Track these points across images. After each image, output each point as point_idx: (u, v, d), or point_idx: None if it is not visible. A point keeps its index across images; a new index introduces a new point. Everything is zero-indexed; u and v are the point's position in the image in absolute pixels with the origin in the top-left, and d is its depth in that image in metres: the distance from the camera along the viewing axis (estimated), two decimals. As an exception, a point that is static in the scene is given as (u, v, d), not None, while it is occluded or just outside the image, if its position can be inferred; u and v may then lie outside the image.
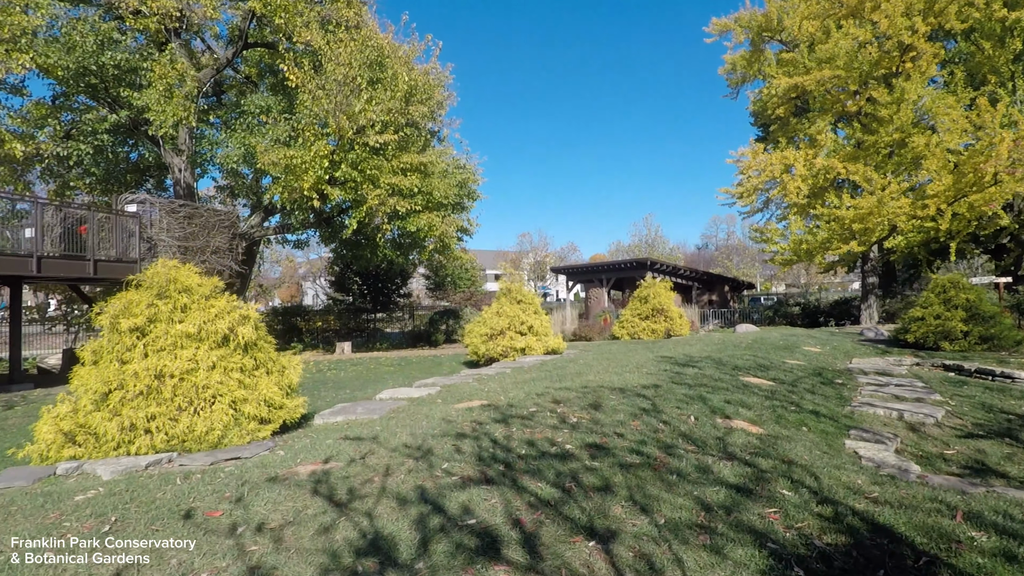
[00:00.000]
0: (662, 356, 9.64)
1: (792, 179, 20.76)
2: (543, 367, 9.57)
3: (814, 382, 7.41)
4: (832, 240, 20.39)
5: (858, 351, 11.52)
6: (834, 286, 66.62)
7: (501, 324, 11.86)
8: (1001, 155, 16.26)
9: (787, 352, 10.68)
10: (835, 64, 20.36)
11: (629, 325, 17.56)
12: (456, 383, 7.89)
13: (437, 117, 18.39)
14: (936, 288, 12.57)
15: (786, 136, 24.64)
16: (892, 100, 19.03)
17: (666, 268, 28.85)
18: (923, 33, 18.48)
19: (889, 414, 5.74)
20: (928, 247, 25.03)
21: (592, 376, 7.36)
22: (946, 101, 18.58)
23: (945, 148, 18.76)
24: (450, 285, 33.04)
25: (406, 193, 16.11)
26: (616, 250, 74.74)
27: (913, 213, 18.42)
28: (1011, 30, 19.80)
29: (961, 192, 17.67)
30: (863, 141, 20.74)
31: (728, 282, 32.83)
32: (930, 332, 12.00)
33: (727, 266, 72.54)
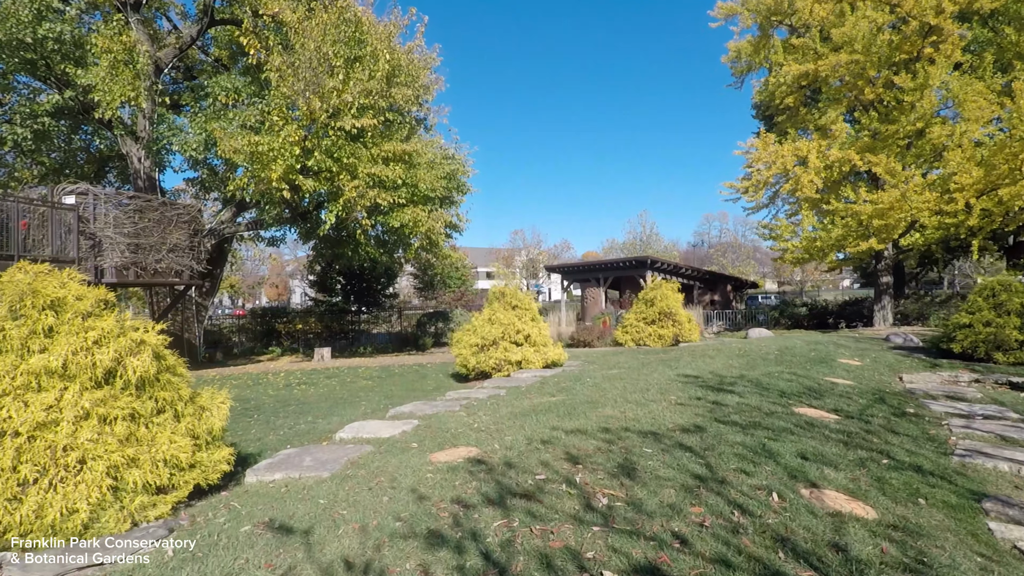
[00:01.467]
0: (685, 375, 8.18)
1: (805, 172, 19.38)
2: (544, 387, 8.09)
3: (885, 414, 5.96)
4: (848, 237, 19.03)
5: (903, 364, 10.11)
6: (826, 284, 65.61)
7: (494, 333, 10.36)
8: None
9: (825, 367, 9.25)
10: (852, 48, 18.95)
11: (633, 330, 16.12)
12: (440, 413, 6.39)
13: (423, 103, 16.84)
14: (984, 291, 11.19)
15: (795, 127, 23.24)
16: (916, 86, 17.65)
17: (667, 267, 27.45)
18: (950, 13, 17.10)
19: (1017, 469, 4.30)
20: (947, 245, 23.80)
21: (610, 409, 5.88)
22: (975, 87, 17.21)
23: (971, 138, 17.42)
24: (439, 285, 31.52)
25: (388, 185, 14.60)
26: (610, 247, 73.44)
27: (939, 208, 17.09)
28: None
29: (992, 184, 16.34)
30: (879, 131, 19.38)
31: (731, 281, 31.51)
32: (980, 341, 10.63)
33: (723, 264, 71.44)
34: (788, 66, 20.71)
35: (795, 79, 21.17)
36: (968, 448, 4.81)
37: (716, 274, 31.37)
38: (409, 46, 14.58)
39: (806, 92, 23.38)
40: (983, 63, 18.40)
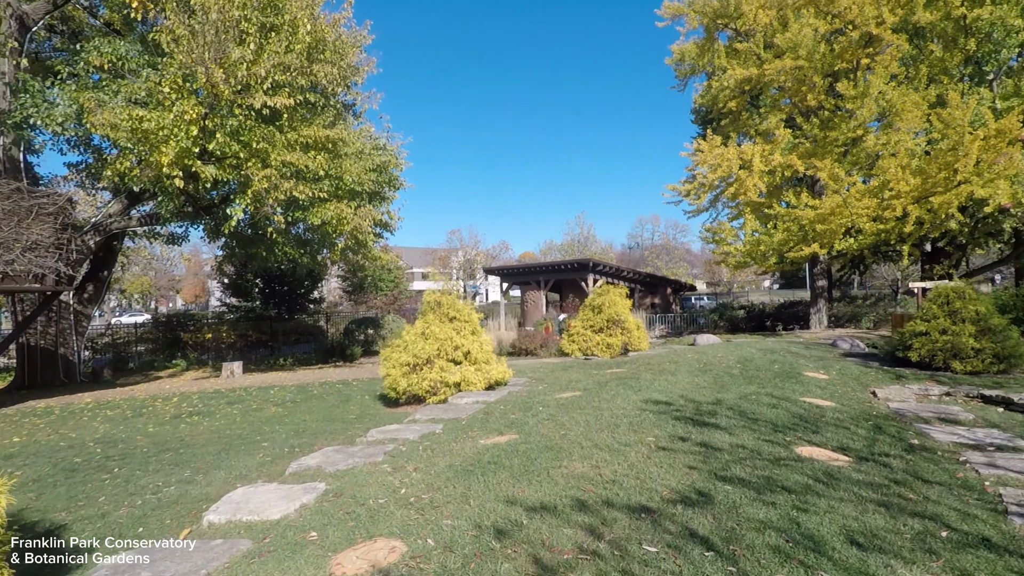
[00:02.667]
0: (653, 401, 7.08)
1: (749, 175, 19.04)
2: (489, 420, 6.78)
3: (896, 451, 5.04)
4: (790, 241, 18.85)
5: (868, 376, 9.49)
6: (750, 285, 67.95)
7: (428, 351, 8.94)
8: (971, 155, 15.04)
9: (796, 384, 8.44)
10: (796, 54, 18.80)
11: (580, 339, 15.08)
12: (357, 468, 4.96)
13: (352, 86, 15.15)
14: (939, 298, 10.82)
15: (737, 131, 23.10)
16: (856, 94, 17.61)
17: (609, 270, 26.79)
18: (890, 24, 17.13)
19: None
20: (877, 249, 24.32)
21: (578, 462, 4.64)
22: (911, 98, 17.34)
23: (906, 147, 17.55)
24: (371, 288, 29.57)
25: (308, 176, 12.86)
26: (548, 249, 73.18)
27: (877, 214, 17.07)
28: (967, 29, 18.92)
29: (927, 192, 16.43)
30: (819, 138, 19.34)
31: (671, 284, 31.31)
32: (937, 350, 10.20)
33: (657, 265, 72.69)
34: (732, 70, 20.40)
35: (738, 83, 20.91)
36: (1020, 503, 3.90)
37: (656, 276, 31.11)
38: (335, 18, 12.88)
39: (748, 97, 23.27)
40: (918, 75, 18.65)
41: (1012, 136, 14.71)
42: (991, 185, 15.68)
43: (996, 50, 18.93)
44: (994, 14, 17.88)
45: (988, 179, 15.43)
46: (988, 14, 17.77)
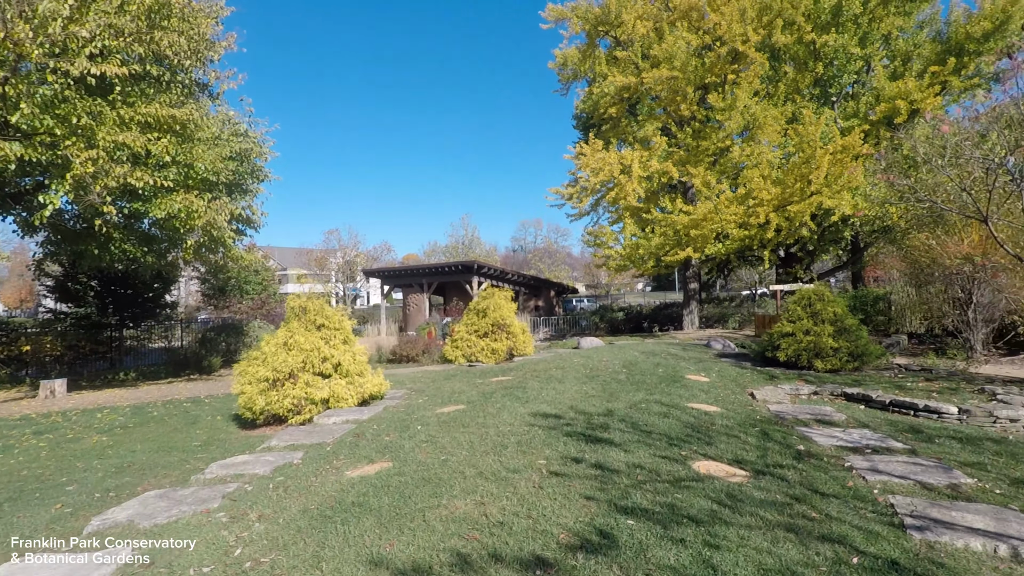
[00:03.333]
0: (543, 414, 6.59)
1: (629, 180, 19.55)
2: (359, 444, 5.92)
3: (787, 460, 4.91)
4: (666, 246, 19.60)
5: (744, 378, 9.76)
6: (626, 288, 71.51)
7: (291, 363, 7.82)
8: (822, 167, 16.44)
9: (681, 388, 8.40)
10: (671, 64, 19.58)
11: (464, 344, 14.44)
12: (180, 521, 3.93)
13: (207, 63, 13.36)
14: (802, 301, 11.49)
15: (617, 137, 23.75)
16: (725, 106, 18.67)
17: (494, 272, 26.47)
18: (754, 42, 18.35)
19: (992, 548, 3.31)
20: (742, 254, 26.15)
21: (460, 498, 3.97)
22: (772, 112, 18.71)
23: (768, 159, 18.91)
24: (235, 291, 26.90)
25: (150, 162, 11.12)
26: (432, 250, 71.96)
27: (744, 220, 18.18)
28: (816, 54, 20.86)
29: (786, 201, 17.76)
30: (691, 147, 20.34)
31: (554, 287, 31.68)
32: (802, 350, 10.80)
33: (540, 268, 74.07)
34: (612, 77, 20.88)
35: (618, 90, 21.45)
36: (912, 513, 3.80)
37: (539, 279, 31.34)
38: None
39: (627, 105, 24.02)
40: (777, 92, 20.19)
41: (855, 151, 16.25)
42: (837, 196, 17.25)
43: (839, 74, 21.01)
44: (837, 41, 19.81)
45: (836, 190, 16.95)
46: (833, 40, 19.64)
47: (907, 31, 21.39)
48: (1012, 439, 6.12)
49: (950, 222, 13.68)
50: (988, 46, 17.88)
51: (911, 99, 18.09)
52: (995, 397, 7.55)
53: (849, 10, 19.39)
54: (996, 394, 7.62)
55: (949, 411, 7.10)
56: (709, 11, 19.20)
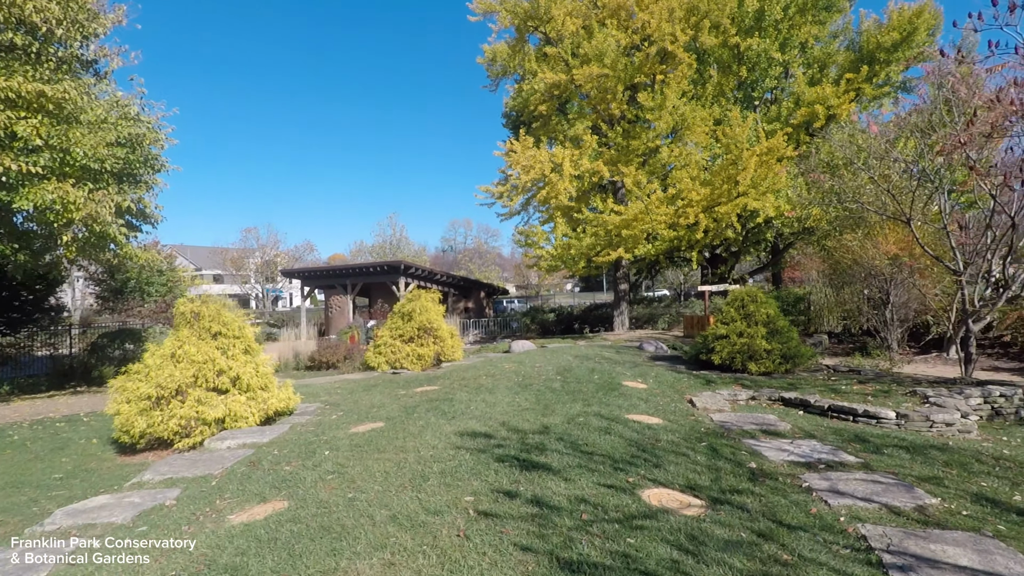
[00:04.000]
0: (472, 433, 5.82)
1: (560, 179, 19.13)
2: (252, 477, 4.95)
3: (746, 486, 4.40)
4: (597, 246, 19.33)
5: (681, 383, 9.40)
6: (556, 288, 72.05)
7: (179, 378, 6.65)
8: (749, 168, 16.62)
9: (618, 396, 7.88)
10: (602, 62, 19.34)
11: (388, 350, 13.44)
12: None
13: (88, 34, 11.68)
14: (735, 302, 11.34)
15: (547, 135, 23.34)
16: (655, 105, 18.61)
17: (422, 273, 25.43)
18: (682, 42, 18.39)
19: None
20: (671, 256, 26.43)
21: (364, 558, 3.14)
22: (700, 113, 18.83)
23: (698, 160, 19.04)
24: (134, 293, 24.39)
25: (15, 145, 9.52)
26: (358, 250, 69.36)
27: (674, 221, 18.16)
28: (740, 57, 21.28)
29: (714, 202, 17.88)
30: (622, 146, 20.22)
31: (484, 288, 30.98)
32: (736, 352, 10.61)
33: (470, 268, 73.22)
34: (542, 73, 20.43)
35: (548, 88, 21.02)
36: (888, 548, 3.32)
37: (470, 280, 30.53)
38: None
39: (558, 103, 23.68)
40: (705, 93, 20.40)
41: (780, 153, 16.52)
42: (763, 198, 17.54)
43: (761, 79, 21.54)
44: (760, 46, 20.25)
45: (761, 192, 17.20)
46: (756, 44, 20.06)
47: (821, 40, 22.26)
48: (953, 446, 5.96)
49: (871, 223, 14.08)
50: (897, 55, 18.77)
51: (828, 104, 18.71)
52: (927, 400, 7.49)
53: (771, 15, 19.87)
54: (928, 396, 7.58)
55: (887, 416, 6.93)
56: (637, 10, 19.09)
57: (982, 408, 7.65)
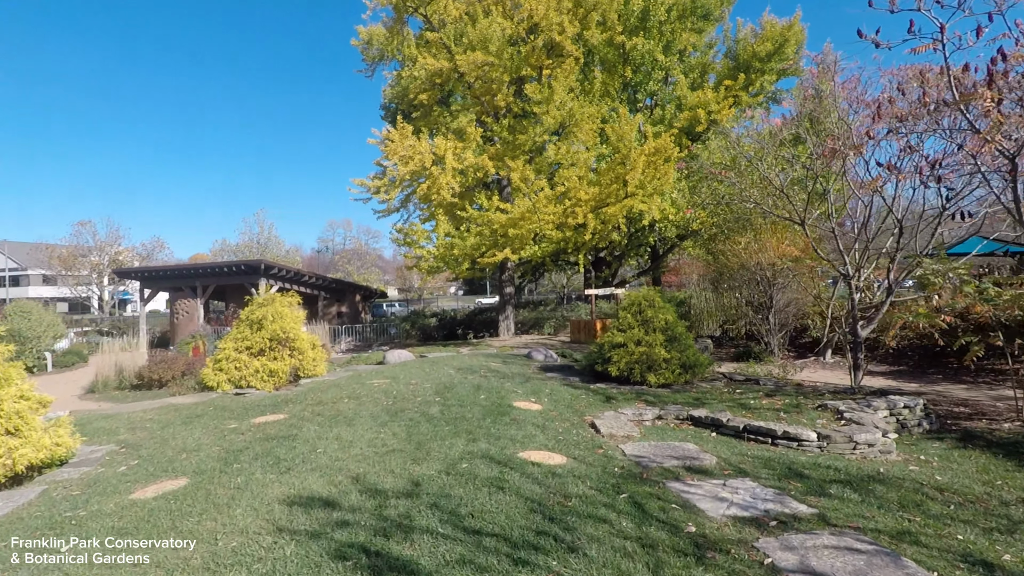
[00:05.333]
0: (307, 499, 4.04)
1: (443, 173, 17.54)
2: None
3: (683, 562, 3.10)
4: (482, 246, 18.00)
5: (578, 401, 8.19)
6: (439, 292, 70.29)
7: None
8: (638, 168, 16.13)
9: (509, 424, 6.45)
10: (487, 49, 18.05)
11: (232, 365, 11.04)
12: None
13: None
14: (632, 307, 10.42)
15: (428, 127, 21.63)
16: (542, 98, 17.64)
17: (287, 274, 22.60)
18: (571, 34, 17.58)
19: None
20: (557, 258, 25.74)
21: None
22: (588, 110, 18.14)
23: (587, 159, 18.35)
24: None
25: None
26: (222, 250, 62.72)
27: (562, 221, 17.26)
28: (626, 58, 21.02)
29: (602, 202, 17.22)
30: (508, 140, 19.08)
31: (360, 290, 28.50)
32: (634, 363, 9.65)
33: (348, 271, 69.23)
34: (424, 59, 18.73)
35: (430, 76, 19.38)
36: None
37: (344, 282, 27.91)
38: None
39: (440, 93, 22.08)
40: (592, 89, 19.81)
41: (667, 154, 16.17)
42: (649, 200, 17.18)
43: (645, 80, 21.44)
44: (644, 47, 20.07)
45: (648, 193, 16.80)
46: (641, 45, 19.84)
47: (699, 49, 22.69)
48: (888, 475, 5.18)
49: (756, 227, 13.99)
50: (770, 66, 19.36)
51: (709, 109, 18.83)
52: (841, 415, 6.85)
53: (655, 15, 19.74)
54: (841, 412, 6.95)
55: (809, 438, 6.14)
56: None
57: (890, 421, 7.18)
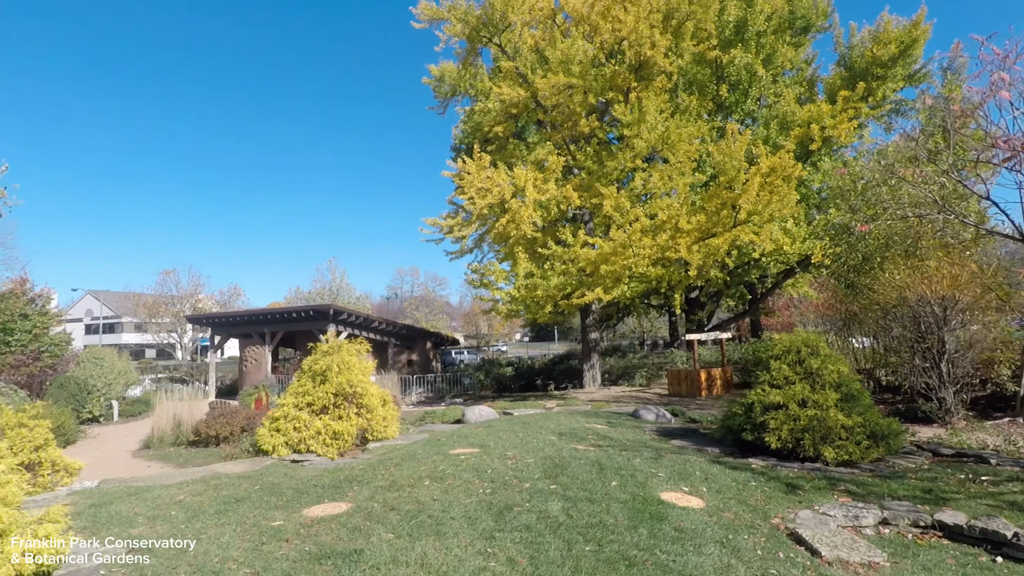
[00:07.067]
0: None
1: (523, 206, 15.80)
2: None
3: None
4: (567, 286, 15.95)
5: (747, 490, 5.83)
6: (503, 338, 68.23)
7: None
8: (751, 190, 13.78)
9: (673, 536, 4.23)
10: (569, 70, 16.50)
11: (290, 425, 9.32)
12: None
13: None
14: (788, 356, 7.99)
15: (504, 160, 20.17)
16: (633, 120, 15.77)
17: (356, 320, 21.31)
18: (663, 47, 15.77)
19: None
20: (647, 298, 23.36)
21: None
22: (687, 129, 16.08)
23: (684, 182, 16.20)
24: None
25: None
26: (295, 298, 63.56)
27: (660, 255, 14.99)
28: (720, 74, 19.00)
29: (707, 232, 14.90)
30: (594, 169, 17.23)
31: (431, 337, 26.95)
32: (802, 430, 7.18)
33: (416, 317, 68.69)
34: (498, 89, 17.39)
35: (505, 107, 18.04)
36: None
37: (414, 328, 26.50)
38: None
39: (514, 125, 20.76)
40: (688, 107, 17.81)
41: (787, 172, 13.78)
42: (759, 229, 14.78)
43: (743, 99, 19.25)
44: (742, 60, 17.98)
45: (764, 219, 14.38)
46: (739, 58, 17.78)
47: (796, 65, 20.41)
48: None
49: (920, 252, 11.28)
50: (894, 72, 16.76)
51: (823, 124, 16.36)
52: None
53: (753, 25, 17.69)
54: None
55: None
56: (603, 21, 16.20)
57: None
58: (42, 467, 6.14)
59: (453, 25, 18.97)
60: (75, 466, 7.05)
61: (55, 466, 6.29)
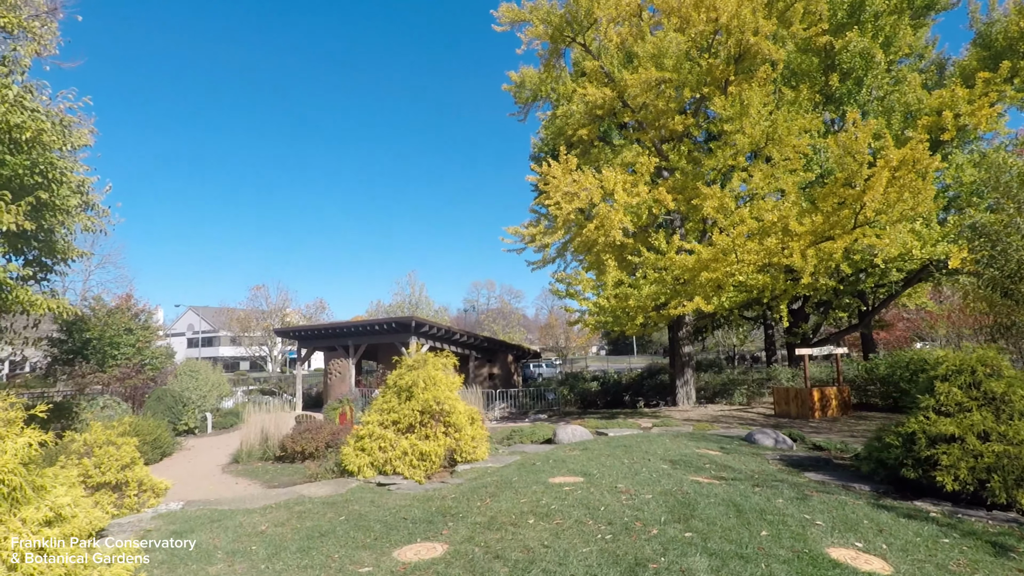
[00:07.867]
0: None
1: (613, 210, 14.83)
2: None
3: None
4: (661, 295, 14.75)
5: (942, 552, 4.59)
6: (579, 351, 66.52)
7: None
8: (878, 187, 12.10)
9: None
10: (662, 64, 15.43)
11: (376, 445, 8.81)
12: None
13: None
14: (959, 377, 6.57)
15: (588, 164, 19.28)
16: (734, 113, 14.46)
17: (438, 332, 20.97)
18: (767, 33, 14.40)
19: None
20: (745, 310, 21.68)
21: None
22: (797, 121, 14.55)
23: (794, 180, 14.64)
24: (94, 355, 20.41)
25: None
26: (376, 311, 65.28)
27: (768, 260, 13.51)
28: (831, 63, 17.25)
29: (822, 236, 13.30)
30: (689, 170, 15.98)
31: (512, 350, 26.29)
32: (987, 470, 5.79)
33: (494, 330, 68.60)
34: (582, 90, 16.55)
35: (589, 108, 17.15)
36: None
37: (495, 341, 25.94)
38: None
39: (599, 128, 19.84)
40: (798, 99, 16.22)
41: (922, 165, 12.03)
42: (883, 232, 13.04)
43: (856, 88, 17.38)
44: (857, 46, 16.18)
45: (893, 219, 12.65)
46: (854, 44, 16.01)
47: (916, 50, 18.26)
48: None
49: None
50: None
51: (957, 111, 14.32)
52: None
53: (871, 5, 15.88)
54: None
55: None
56: (707, 3, 15.07)
57: None
58: (129, 487, 5.85)
59: (535, 27, 18.38)
60: (161, 486, 6.79)
61: (142, 486, 5.99)
